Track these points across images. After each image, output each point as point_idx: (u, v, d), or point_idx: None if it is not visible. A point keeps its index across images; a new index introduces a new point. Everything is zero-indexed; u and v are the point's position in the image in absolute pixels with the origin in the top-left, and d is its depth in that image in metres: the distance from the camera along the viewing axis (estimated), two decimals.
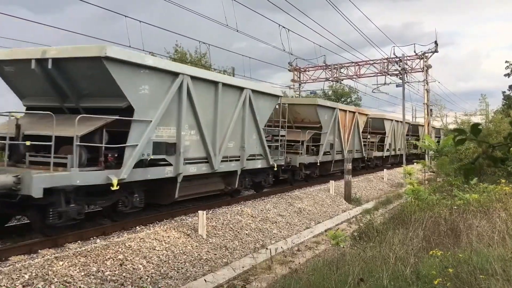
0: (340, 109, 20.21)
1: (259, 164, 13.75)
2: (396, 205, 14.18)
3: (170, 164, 9.96)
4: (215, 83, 11.33)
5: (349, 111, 21.64)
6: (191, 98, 10.35)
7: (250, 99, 12.77)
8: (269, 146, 14.45)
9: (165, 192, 10.36)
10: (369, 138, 25.37)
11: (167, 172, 9.89)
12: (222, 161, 11.80)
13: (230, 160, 12.27)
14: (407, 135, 31.79)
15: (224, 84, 11.60)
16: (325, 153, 18.68)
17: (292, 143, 17.21)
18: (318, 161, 18.03)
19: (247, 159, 12.93)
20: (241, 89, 12.49)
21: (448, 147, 13.28)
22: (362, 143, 23.61)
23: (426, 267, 5.11)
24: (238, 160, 12.65)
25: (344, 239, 7.78)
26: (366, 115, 24.42)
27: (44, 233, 8.08)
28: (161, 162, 9.77)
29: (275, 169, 14.63)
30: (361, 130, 23.13)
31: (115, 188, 8.34)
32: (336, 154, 19.79)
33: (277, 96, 14.84)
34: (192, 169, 10.72)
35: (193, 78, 10.39)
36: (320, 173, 19.01)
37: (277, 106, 15.34)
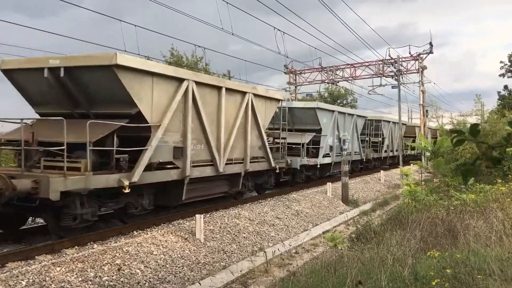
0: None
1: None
2: (393, 206, 14.21)
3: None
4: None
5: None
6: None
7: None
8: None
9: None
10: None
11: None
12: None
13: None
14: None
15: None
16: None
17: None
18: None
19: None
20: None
21: (443, 148, 13.33)
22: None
23: (424, 268, 5.11)
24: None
25: (341, 241, 7.79)
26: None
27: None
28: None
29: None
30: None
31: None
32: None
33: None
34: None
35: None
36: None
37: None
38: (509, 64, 46.96)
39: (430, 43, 28.98)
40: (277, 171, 15.05)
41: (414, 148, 29.90)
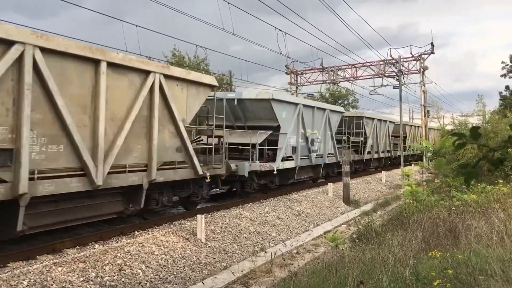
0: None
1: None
2: (394, 207, 14.21)
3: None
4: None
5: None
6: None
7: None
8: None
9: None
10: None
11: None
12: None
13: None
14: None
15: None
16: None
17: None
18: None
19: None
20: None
21: (445, 149, 13.32)
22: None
23: (425, 269, 5.11)
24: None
25: (343, 241, 7.78)
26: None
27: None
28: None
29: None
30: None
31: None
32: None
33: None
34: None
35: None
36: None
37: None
38: (510, 64, 46.91)
39: (432, 44, 28.98)
40: (208, 180, 11.50)
41: (405, 148, 29.11)
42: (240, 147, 14.46)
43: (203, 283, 7.09)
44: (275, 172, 14.67)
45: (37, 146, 7.25)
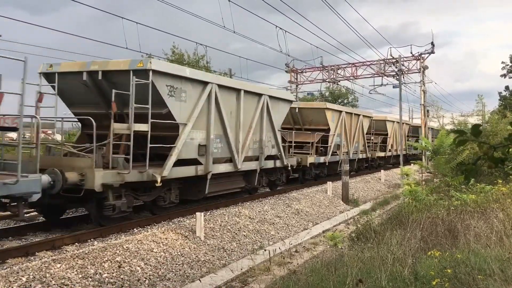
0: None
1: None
2: (393, 206, 14.21)
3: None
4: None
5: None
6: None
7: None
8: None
9: None
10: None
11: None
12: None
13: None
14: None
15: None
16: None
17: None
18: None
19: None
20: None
21: (443, 148, 13.32)
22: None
23: (424, 268, 5.12)
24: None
25: (342, 240, 7.80)
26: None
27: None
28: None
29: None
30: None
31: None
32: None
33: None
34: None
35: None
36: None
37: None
38: (510, 64, 46.89)
39: (432, 43, 28.97)
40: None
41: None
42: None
43: (201, 280, 7.09)
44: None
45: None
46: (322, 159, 18.84)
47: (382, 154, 28.83)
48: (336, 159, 19.90)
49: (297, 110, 19.25)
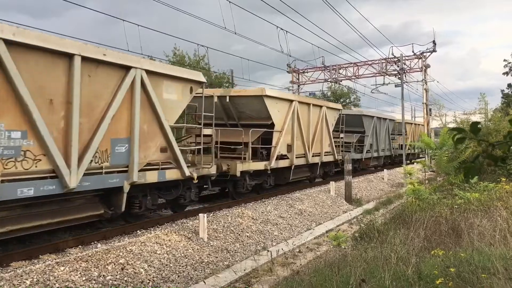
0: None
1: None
2: (396, 205, 14.18)
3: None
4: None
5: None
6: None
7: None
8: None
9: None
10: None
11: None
12: None
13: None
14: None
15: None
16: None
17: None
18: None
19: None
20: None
21: (446, 146, 13.29)
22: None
23: (428, 267, 5.10)
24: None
25: (345, 240, 7.78)
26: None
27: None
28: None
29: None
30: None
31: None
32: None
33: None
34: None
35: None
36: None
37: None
38: None
39: (434, 42, 28.93)
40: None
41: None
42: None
43: (205, 282, 7.10)
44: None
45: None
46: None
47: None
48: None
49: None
